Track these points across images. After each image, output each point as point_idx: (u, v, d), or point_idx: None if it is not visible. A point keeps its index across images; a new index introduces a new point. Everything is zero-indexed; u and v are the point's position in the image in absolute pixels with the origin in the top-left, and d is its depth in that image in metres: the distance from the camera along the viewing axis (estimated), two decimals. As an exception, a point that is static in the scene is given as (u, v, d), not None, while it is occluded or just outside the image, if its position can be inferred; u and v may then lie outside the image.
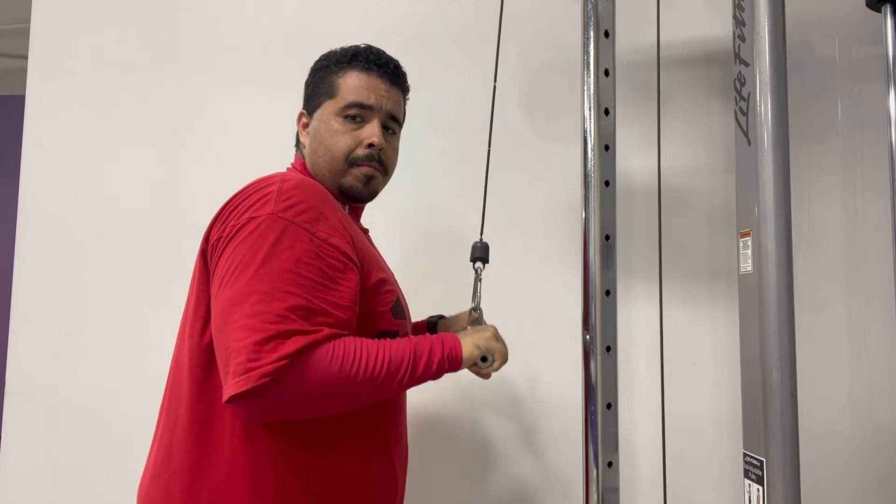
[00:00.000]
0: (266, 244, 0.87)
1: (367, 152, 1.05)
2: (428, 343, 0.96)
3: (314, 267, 0.88)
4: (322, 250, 0.90)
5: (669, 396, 1.33)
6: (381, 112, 1.08)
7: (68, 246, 1.81)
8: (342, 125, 1.05)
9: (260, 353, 0.81)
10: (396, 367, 0.91)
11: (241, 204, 0.93)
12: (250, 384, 0.80)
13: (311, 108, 1.11)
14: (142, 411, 1.26)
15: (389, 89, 1.09)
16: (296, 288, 0.86)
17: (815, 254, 1.49)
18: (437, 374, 0.96)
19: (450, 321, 1.29)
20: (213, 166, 1.77)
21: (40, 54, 1.89)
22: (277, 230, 0.88)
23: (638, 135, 1.54)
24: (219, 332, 0.87)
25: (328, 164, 1.06)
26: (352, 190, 1.07)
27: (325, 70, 1.10)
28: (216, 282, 0.90)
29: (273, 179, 0.94)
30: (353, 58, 1.08)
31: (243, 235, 0.89)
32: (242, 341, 0.82)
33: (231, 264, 0.88)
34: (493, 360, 1.02)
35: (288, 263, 0.87)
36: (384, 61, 1.09)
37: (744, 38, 1.03)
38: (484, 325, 1.07)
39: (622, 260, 1.37)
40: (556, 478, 1.56)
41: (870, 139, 1.50)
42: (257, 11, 1.79)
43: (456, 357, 0.97)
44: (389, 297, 1.03)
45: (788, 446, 0.94)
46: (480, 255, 1.21)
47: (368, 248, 1.05)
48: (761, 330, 0.96)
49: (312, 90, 1.12)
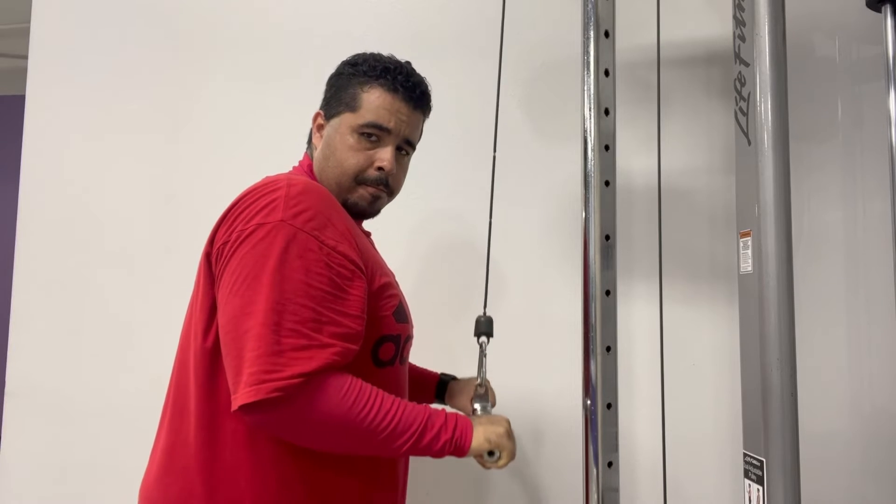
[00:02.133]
0: (276, 252, 0.87)
1: (376, 175, 1.05)
2: (441, 419, 0.94)
3: (324, 276, 0.89)
4: (331, 258, 0.90)
5: (669, 396, 1.33)
6: (398, 136, 1.06)
7: (68, 246, 1.81)
8: (357, 142, 1.04)
9: (275, 365, 0.82)
10: (403, 430, 0.90)
11: (248, 208, 0.92)
12: (261, 395, 0.81)
13: (329, 112, 1.09)
14: (142, 411, 1.26)
15: (411, 114, 1.08)
16: (307, 299, 0.86)
17: (815, 254, 1.49)
18: (439, 453, 0.93)
19: (458, 387, 1.27)
20: (214, 166, 1.77)
21: (40, 54, 1.89)
22: (287, 237, 0.88)
23: (638, 135, 1.54)
24: (230, 340, 0.87)
25: (336, 178, 1.05)
26: (355, 207, 1.06)
27: (352, 78, 1.07)
28: (225, 288, 0.89)
29: (279, 183, 0.93)
30: (382, 74, 1.05)
31: (253, 242, 0.88)
32: (257, 351, 0.83)
33: (242, 272, 0.88)
34: (499, 456, 0.99)
35: (299, 273, 0.87)
36: (411, 84, 1.07)
37: (744, 38, 1.03)
38: (498, 418, 1.03)
39: (622, 260, 1.37)
40: (556, 478, 1.56)
41: (870, 139, 1.50)
42: (258, 11, 1.79)
43: (464, 445, 0.95)
44: (392, 301, 1.03)
45: (788, 446, 0.94)
46: (485, 329, 1.19)
47: (372, 253, 1.05)
48: (761, 330, 0.96)
49: (334, 94, 1.09)
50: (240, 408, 0.83)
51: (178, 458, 0.95)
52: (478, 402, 1.13)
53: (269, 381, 0.82)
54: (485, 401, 1.14)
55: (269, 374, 0.82)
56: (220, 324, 0.90)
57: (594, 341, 1.08)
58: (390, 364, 1.04)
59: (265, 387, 0.81)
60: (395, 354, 1.04)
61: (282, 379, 0.82)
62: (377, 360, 1.01)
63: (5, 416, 1.80)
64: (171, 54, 1.83)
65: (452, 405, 1.27)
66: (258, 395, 0.81)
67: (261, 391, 0.81)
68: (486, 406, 1.13)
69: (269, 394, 0.81)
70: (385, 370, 1.02)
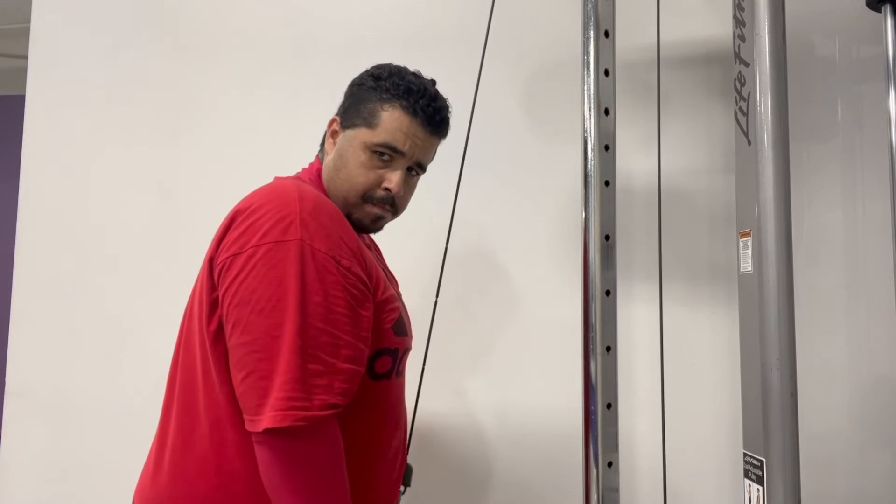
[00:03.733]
0: (299, 273, 0.87)
1: (382, 195, 1.05)
2: None
3: (341, 300, 0.90)
4: (347, 280, 0.91)
5: (669, 396, 1.33)
6: (411, 159, 1.05)
7: (68, 246, 1.81)
8: (369, 160, 1.03)
9: (301, 392, 0.84)
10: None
11: (260, 220, 0.91)
12: (287, 422, 0.82)
13: (346, 122, 1.07)
14: (142, 411, 1.26)
15: (427, 138, 1.06)
16: (326, 324, 0.88)
17: (815, 254, 1.49)
18: None
19: None
20: (214, 166, 1.77)
21: (40, 54, 1.89)
22: (307, 258, 0.88)
23: (638, 135, 1.54)
24: (256, 361, 0.86)
25: (344, 192, 1.05)
26: (359, 223, 1.06)
27: (372, 92, 1.05)
28: (246, 304, 0.88)
29: (290, 196, 0.92)
30: (405, 95, 1.03)
31: (273, 261, 0.88)
32: (286, 376, 0.84)
33: (265, 290, 0.87)
34: None
35: (319, 296, 0.88)
36: (432, 109, 1.05)
37: (744, 38, 1.04)
38: None
39: (622, 260, 1.37)
40: (556, 478, 1.56)
41: (870, 139, 1.50)
42: (258, 10, 1.79)
43: None
44: (392, 314, 1.03)
45: (788, 446, 0.94)
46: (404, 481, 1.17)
47: (376, 266, 1.04)
48: (761, 330, 0.96)
49: (352, 105, 1.07)
50: (264, 431, 0.83)
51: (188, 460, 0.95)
52: None
53: (296, 408, 0.83)
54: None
55: (296, 402, 0.83)
56: (241, 341, 0.88)
57: (594, 341, 1.08)
58: (386, 377, 1.03)
59: (291, 414, 0.83)
60: (391, 367, 1.04)
61: (310, 409, 0.84)
62: (373, 373, 1.00)
63: (5, 416, 1.80)
64: (171, 55, 1.83)
65: None
66: (284, 422, 0.82)
67: (287, 418, 0.82)
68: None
69: (295, 422, 0.83)
70: (381, 383, 1.02)
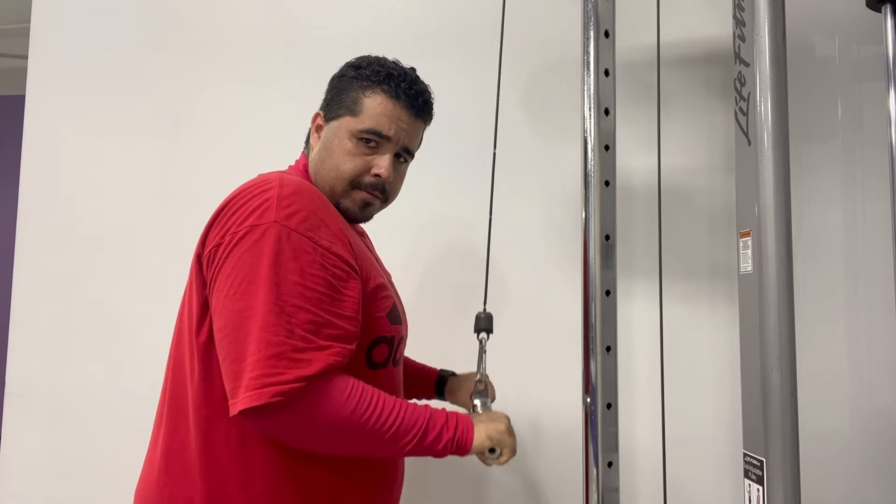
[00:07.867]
0: (271, 254, 0.87)
1: (372, 181, 1.04)
2: (443, 418, 0.95)
3: (319, 278, 0.88)
4: (325, 259, 0.90)
5: (669, 396, 1.33)
6: (398, 144, 1.05)
7: (68, 246, 1.81)
8: (355, 147, 1.03)
9: (275, 369, 0.82)
10: (406, 430, 0.90)
11: (239, 209, 0.92)
12: (263, 400, 0.81)
13: (329, 114, 1.07)
14: (141, 411, 1.26)
15: (412, 122, 1.07)
16: (303, 301, 0.86)
17: (815, 254, 1.49)
18: (441, 452, 0.94)
19: (458, 383, 1.28)
20: (215, 166, 1.77)
21: (40, 54, 1.89)
22: (281, 239, 0.87)
23: (638, 135, 1.54)
24: (228, 345, 0.86)
25: (331, 181, 1.04)
26: (348, 212, 1.06)
27: (354, 81, 1.06)
28: (220, 291, 0.89)
29: (270, 183, 0.93)
30: (385, 80, 1.04)
31: (247, 244, 0.88)
32: (256, 355, 0.83)
33: (237, 275, 0.87)
34: (500, 453, 0.99)
35: (294, 275, 0.87)
36: (414, 92, 1.06)
37: (744, 38, 1.03)
38: (498, 415, 1.03)
39: (622, 260, 1.37)
40: (556, 478, 1.56)
41: (870, 139, 1.50)
42: (258, 11, 1.79)
43: (465, 443, 0.95)
44: (386, 302, 1.03)
45: (788, 446, 0.94)
46: (485, 325, 1.19)
47: (366, 253, 1.04)
48: (761, 330, 0.96)
49: (335, 97, 1.08)
50: (242, 412, 0.82)
51: (176, 461, 0.95)
52: (477, 398, 1.13)
53: (270, 385, 0.82)
54: (484, 396, 1.14)
55: (269, 378, 0.82)
56: (217, 328, 0.89)
57: (594, 341, 1.08)
58: (384, 366, 1.03)
59: (266, 391, 0.81)
60: (388, 356, 1.04)
61: (283, 383, 0.82)
62: (371, 361, 1.01)
63: (5, 416, 1.80)
64: (171, 54, 1.83)
65: (452, 401, 1.27)
66: (260, 400, 0.81)
67: (262, 395, 0.81)
68: (486, 402, 1.13)
69: (271, 398, 0.81)
70: (378, 372, 1.02)
